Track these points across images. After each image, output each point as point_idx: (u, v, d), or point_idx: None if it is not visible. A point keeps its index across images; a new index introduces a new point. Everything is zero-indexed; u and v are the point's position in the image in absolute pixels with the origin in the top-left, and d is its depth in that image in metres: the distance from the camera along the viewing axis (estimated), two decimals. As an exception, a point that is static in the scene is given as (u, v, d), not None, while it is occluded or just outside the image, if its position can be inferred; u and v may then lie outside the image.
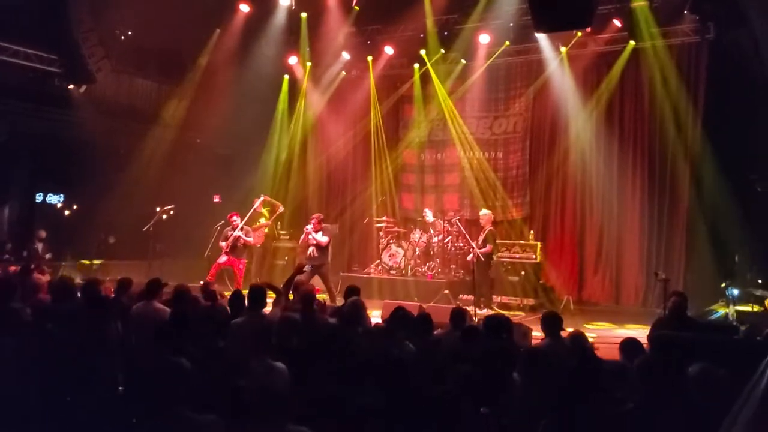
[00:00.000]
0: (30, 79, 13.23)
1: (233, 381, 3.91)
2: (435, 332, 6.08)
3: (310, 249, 11.58)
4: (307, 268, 11.32)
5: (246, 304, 6.36)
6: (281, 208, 13.83)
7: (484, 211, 12.48)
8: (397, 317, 5.82)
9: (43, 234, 14.02)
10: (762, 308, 9.72)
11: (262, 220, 13.83)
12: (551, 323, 5.94)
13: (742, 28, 10.28)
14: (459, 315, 6.37)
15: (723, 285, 10.58)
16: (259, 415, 3.23)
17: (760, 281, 10.38)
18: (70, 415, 4.02)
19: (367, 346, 4.89)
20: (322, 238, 11.48)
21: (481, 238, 11.90)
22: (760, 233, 10.82)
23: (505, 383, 4.19)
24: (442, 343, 5.72)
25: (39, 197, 15.68)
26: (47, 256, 13.71)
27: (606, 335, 9.61)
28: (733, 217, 11.24)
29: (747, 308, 9.90)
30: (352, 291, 7.49)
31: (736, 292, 10.17)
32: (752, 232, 10.98)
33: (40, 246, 13.93)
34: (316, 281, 11.60)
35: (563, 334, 5.84)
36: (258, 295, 6.40)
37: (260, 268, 14.25)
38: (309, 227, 11.65)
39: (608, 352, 6.06)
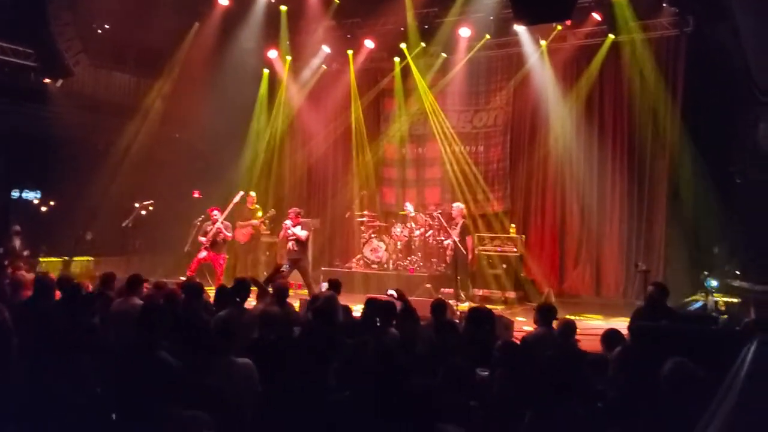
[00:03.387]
0: (5, 73, 13.04)
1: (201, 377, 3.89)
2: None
3: (290, 244, 11.51)
4: (285, 266, 11.25)
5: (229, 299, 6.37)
6: (272, 211, 13.78)
7: (457, 204, 12.49)
8: (376, 308, 5.83)
9: (17, 228, 13.80)
10: (740, 299, 9.81)
11: (260, 214, 13.68)
12: (544, 313, 6.01)
13: (721, 20, 10.34)
14: (439, 307, 6.36)
15: (702, 276, 10.66)
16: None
17: (738, 272, 10.47)
18: (52, 414, 3.96)
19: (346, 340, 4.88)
20: (301, 233, 11.40)
21: (456, 231, 11.88)
22: (738, 225, 10.92)
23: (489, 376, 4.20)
24: (422, 336, 5.73)
25: (15, 194, 15.46)
26: (25, 252, 13.52)
27: (587, 327, 9.65)
28: (712, 209, 11.34)
29: (726, 299, 9.98)
30: (332, 285, 7.50)
31: (715, 283, 10.26)
32: (731, 224, 11.07)
33: (17, 242, 13.73)
34: (296, 277, 11.57)
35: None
36: (241, 289, 6.41)
37: (244, 265, 14.09)
38: (288, 222, 11.56)
39: (590, 343, 6.09)
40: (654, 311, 6.52)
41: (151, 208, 13.37)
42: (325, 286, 7.90)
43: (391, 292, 7.17)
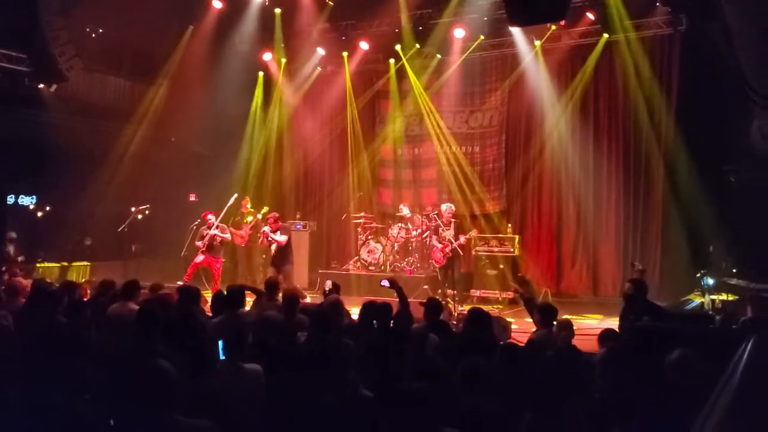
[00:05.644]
0: (-2, 79, 13.00)
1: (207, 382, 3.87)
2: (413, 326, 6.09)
3: (272, 249, 11.49)
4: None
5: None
6: (265, 209, 13.69)
7: (447, 205, 12.36)
8: (374, 311, 5.82)
9: (13, 235, 13.75)
10: (737, 297, 9.81)
11: (249, 218, 13.67)
12: (545, 314, 5.99)
13: (714, 19, 10.34)
14: (433, 307, 6.33)
15: (698, 275, 10.68)
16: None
17: (734, 270, 10.49)
18: (48, 420, 3.94)
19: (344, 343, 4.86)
20: (280, 238, 11.37)
21: (450, 232, 11.80)
22: (734, 223, 10.93)
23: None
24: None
25: (11, 199, 15.39)
26: (20, 258, 13.49)
27: (584, 326, 9.65)
28: (707, 208, 11.36)
29: (723, 297, 9.99)
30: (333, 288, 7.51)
31: (711, 281, 10.27)
32: (726, 222, 11.09)
33: (11, 248, 13.69)
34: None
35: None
36: (235, 295, 6.38)
37: (243, 268, 14.03)
38: (266, 229, 11.53)
39: (587, 343, 6.09)
40: (632, 308, 6.46)
41: (147, 212, 13.34)
42: (329, 284, 7.88)
43: (385, 283, 7.16)
